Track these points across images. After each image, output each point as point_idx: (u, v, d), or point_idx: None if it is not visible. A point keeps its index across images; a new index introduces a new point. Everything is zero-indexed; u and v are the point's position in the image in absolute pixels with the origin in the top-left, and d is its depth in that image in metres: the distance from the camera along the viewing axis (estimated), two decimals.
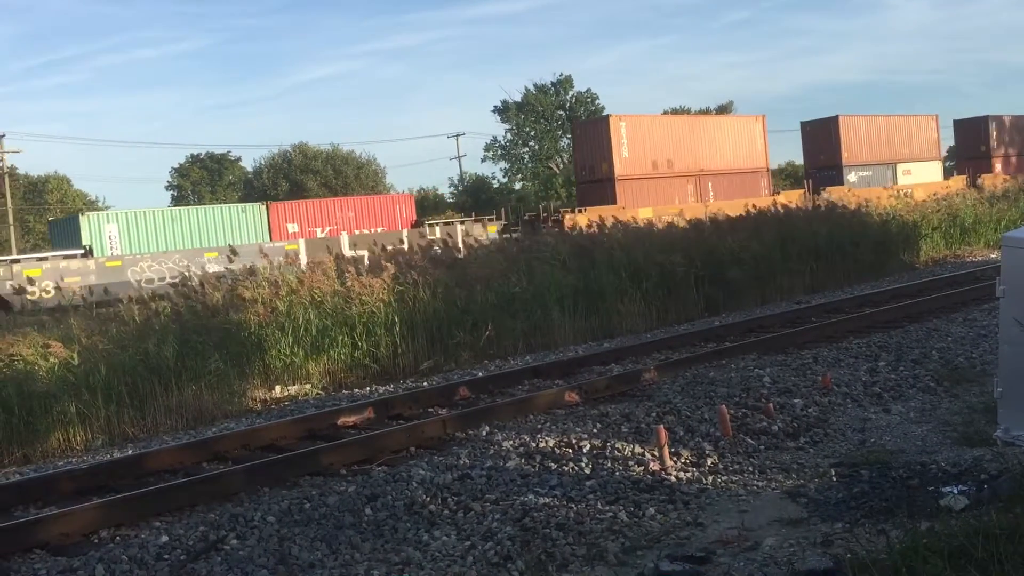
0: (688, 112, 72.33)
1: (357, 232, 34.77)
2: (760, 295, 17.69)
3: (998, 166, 49.71)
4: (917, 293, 16.22)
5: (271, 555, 5.82)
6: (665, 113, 62.91)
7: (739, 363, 10.68)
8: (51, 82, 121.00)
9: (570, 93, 68.11)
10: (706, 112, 72.10)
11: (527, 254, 15.68)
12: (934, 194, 33.15)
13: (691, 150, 37.97)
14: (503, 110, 65.12)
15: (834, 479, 6.66)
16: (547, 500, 6.50)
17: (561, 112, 66.93)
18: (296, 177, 53.13)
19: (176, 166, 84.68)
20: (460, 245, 19.51)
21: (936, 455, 6.97)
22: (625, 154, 35.48)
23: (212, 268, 18.13)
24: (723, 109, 76.87)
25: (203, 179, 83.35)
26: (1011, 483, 5.61)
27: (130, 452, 9.20)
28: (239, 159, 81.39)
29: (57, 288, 23.26)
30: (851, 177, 42.58)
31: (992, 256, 22.41)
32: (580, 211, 33.10)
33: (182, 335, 11.67)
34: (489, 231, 34.39)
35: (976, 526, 4.85)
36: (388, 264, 14.21)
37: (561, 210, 35.21)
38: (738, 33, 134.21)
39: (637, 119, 36.99)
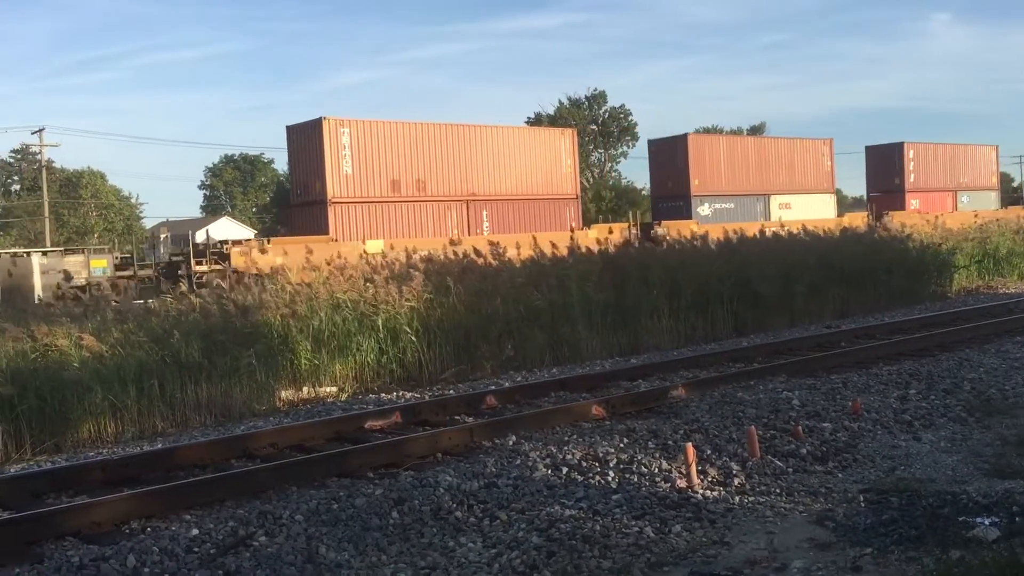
0: (720, 132, 72.12)
1: None
2: (788, 318, 17.61)
3: (914, 202, 42.52)
4: (949, 322, 16.08)
5: (299, 553, 5.87)
6: (697, 132, 62.70)
7: (767, 384, 10.64)
8: (91, 79, 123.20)
9: (603, 108, 68.27)
10: (737, 133, 71.82)
11: (558, 268, 15.69)
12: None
13: (459, 168, 29.59)
14: (536, 122, 65.32)
15: (863, 505, 6.62)
16: (573, 512, 6.51)
17: (594, 127, 67.06)
18: None
19: (210, 166, 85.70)
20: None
21: (967, 485, 6.91)
22: (347, 170, 27.34)
23: None
24: (755, 130, 76.64)
25: (235, 179, 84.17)
26: None
27: (160, 445, 9.31)
28: (272, 161, 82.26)
29: None
30: (703, 210, 35.29)
31: None
32: (265, 243, 25.37)
33: (207, 332, 11.78)
34: (94, 267, 25.69)
35: (1008, 558, 4.83)
36: (416, 272, 14.25)
37: (230, 242, 27.04)
38: (773, 55, 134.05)
39: (368, 124, 28.30)
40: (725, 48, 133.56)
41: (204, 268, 24.46)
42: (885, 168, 43.74)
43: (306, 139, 28.18)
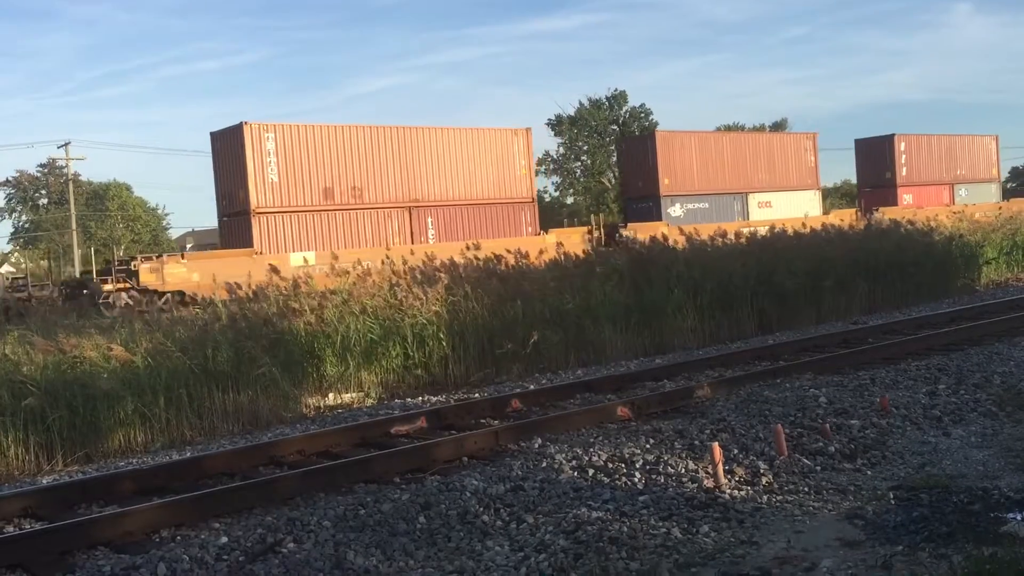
0: (741, 129, 71.71)
1: None
2: (815, 315, 17.49)
3: (907, 197, 40.91)
4: (978, 316, 15.90)
5: (327, 559, 5.90)
6: (718, 129, 62.41)
7: (794, 382, 10.56)
8: (114, 92, 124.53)
9: (624, 108, 67.99)
10: (760, 130, 71.36)
11: (582, 268, 15.68)
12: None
13: (400, 173, 27.91)
14: (556, 124, 65.22)
15: (892, 502, 6.56)
16: (600, 514, 6.50)
17: (615, 127, 66.82)
18: None
19: None
20: None
21: (998, 481, 6.84)
22: (273, 178, 25.70)
23: None
24: (778, 127, 76.12)
25: None
26: None
27: (189, 454, 9.39)
28: None
29: None
30: (674, 211, 33.62)
31: None
32: (180, 258, 24.13)
33: (236, 341, 11.87)
34: None
35: None
36: (442, 275, 14.30)
37: (139, 258, 25.21)
38: (793, 50, 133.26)
39: (296, 128, 26.64)
40: (744, 45, 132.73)
41: (110, 287, 23.50)
42: (875, 162, 42.37)
43: (228, 146, 26.49)
